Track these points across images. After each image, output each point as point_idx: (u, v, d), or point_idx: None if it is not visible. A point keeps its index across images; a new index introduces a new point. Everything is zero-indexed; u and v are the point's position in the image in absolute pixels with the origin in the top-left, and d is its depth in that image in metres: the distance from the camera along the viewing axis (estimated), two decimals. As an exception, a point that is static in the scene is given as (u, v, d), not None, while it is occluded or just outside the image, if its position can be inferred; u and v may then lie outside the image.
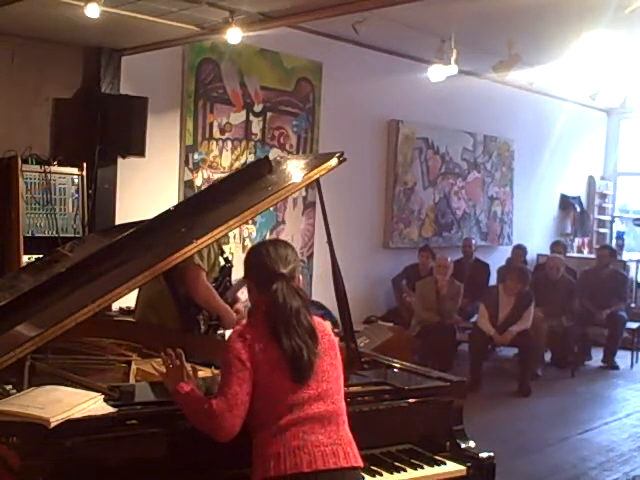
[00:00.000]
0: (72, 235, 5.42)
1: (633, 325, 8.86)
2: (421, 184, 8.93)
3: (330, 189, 3.61)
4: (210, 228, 2.85)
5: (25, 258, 5.13)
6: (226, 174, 6.59)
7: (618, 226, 12.08)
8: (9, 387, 2.58)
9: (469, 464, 2.84)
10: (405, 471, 2.70)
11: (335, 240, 3.19)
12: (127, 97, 5.93)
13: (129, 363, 3.11)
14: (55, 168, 5.43)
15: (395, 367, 3.18)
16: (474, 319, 8.01)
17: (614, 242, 11.29)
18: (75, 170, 5.54)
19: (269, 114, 7.26)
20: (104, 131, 5.72)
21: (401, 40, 7.40)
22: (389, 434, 2.84)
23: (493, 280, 9.07)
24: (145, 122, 5.84)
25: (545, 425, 6.26)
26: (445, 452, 2.89)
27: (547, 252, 9.93)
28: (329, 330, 2.60)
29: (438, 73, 6.84)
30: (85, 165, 5.58)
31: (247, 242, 7.09)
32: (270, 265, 2.53)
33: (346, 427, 2.48)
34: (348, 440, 2.46)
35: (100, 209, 5.83)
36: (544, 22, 6.23)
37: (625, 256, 10.72)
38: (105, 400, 2.43)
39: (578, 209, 11.43)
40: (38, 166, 5.35)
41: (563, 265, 8.51)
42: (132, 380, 2.92)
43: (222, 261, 4.05)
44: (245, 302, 3.26)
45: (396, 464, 2.73)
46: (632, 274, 10.30)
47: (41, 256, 4.05)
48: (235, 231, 6.70)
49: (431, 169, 9.05)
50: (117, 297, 2.64)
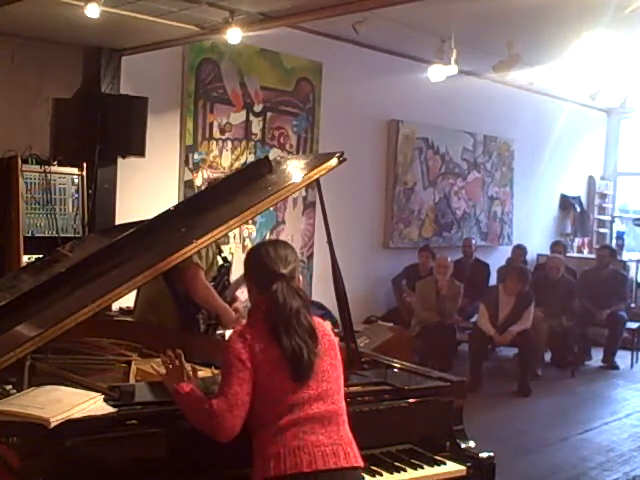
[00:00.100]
0: (72, 235, 5.42)
1: (633, 325, 8.86)
2: (421, 184, 8.93)
3: (330, 189, 3.61)
4: (210, 228, 2.85)
5: (25, 258, 5.13)
6: (226, 174, 6.59)
7: (618, 226, 12.07)
8: (9, 387, 2.58)
9: (469, 464, 2.84)
10: (405, 471, 2.70)
11: (335, 240, 3.19)
12: (127, 97, 5.93)
13: (129, 363, 3.11)
14: (55, 168, 5.43)
15: (395, 367, 3.18)
16: (474, 319, 8.01)
17: (614, 242, 11.29)
18: (75, 170, 5.54)
19: (269, 114, 7.26)
20: (104, 131, 5.72)
21: (401, 40, 7.40)
22: (389, 434, 2.84)
23: (493, 280, 9.07)
24: (145, 122, 5.84)
25: (545, 425, 6.26)
26: (445, 452, 2.89)
27: (547, 252, 9.93)
28: (329, 330, 2.60)
29: (438, 73, 6.84)
30: (85, 165, 5.58)
31: (247, 242, 7.09)
32: (270, 265, 2.53)
33: (346, 427, 2.48)
34: (348, 440, 2.46)
35: (100, 209, 5.83)
36: (544, 22, 6.23)
37: (625, 256, 10.71)
38: (105, 400, 2.43)
39: (578, 209, 11.43)
40: (38, 166, 5.35)
41: (563, 265, 8.51)
42: (132, 380, 2.92)
43: (220, 260, 4.05)
44: (245, 302, 3.26)
45: (396, 464, 2.73)
46: (632, 274, 10.30)
47: (41, 256, 4.05)
48: (235, 231, 6.70)
49: (431, 169, 9.06)
50: (117, 297, 2.64)
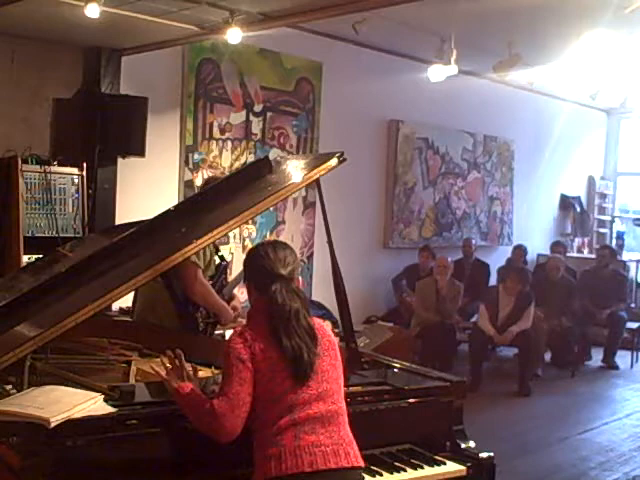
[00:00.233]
0: (72, 235, 5.42)
1: (633, 325, 8.86)
2: (421, 184, 8.93)
3: (330, 189, 3.61)
4: (210, 228, 2.85)
5: (25, 258, 5.13)
6: (225, 174, 6.58)
7: (618, 226, 12.07)
8: (9, 387, 2.58)
9: (469, 464, 2.84)
10: (405, 471, 2.70)
11: (335, 240, 3.19)
12: (127, 97, 5.93)
13: (129, 363, 3.11)
14: (55, 168, 5.42)
15: (395, 367, 3.18)
16: (474, 319, 8.01)
17: (614, 242, 11.29)
18: (75, 170, 5.53)
19: (269, 114, 7.26)
20: (104, 131, 5.72)
21: (401, 40, 7.39)
22: (389, 434, 2.84)
23: (493, 280, 9.07)
24: (145, 122, 5.84)
25: (545, 425, 6.26)
26: (445, 452, 2.89)
27: (547, 252, 9.94)
28: (329, 331, 2.60)
29: (438, 73, 6.83)
30: (85, 165, 5.57)
31: (247, 242, 7.09)
32: (269, 267, 2.54)
33: (347, 427, 2.48)
34: (349, 440, 2.46)
35: (100, 209, 5.83)
36: (544, 22, 6.22)
37: (625, 256, 10.71)
38: (105, 400, 2.43)
39: (578, 209, 11.43)
40: (38, 166, 5.35)
41: (563, 265, 8.51)
42: (132, 380, 2.91)
43: (217, 259, 4.06)
44: (244, 302, 3.26)
45: (396, 464, 2.73)
46: (632, 274, 10.31)
47: (41, 256, 4.05)
48: (235, 231, 6.70)
49: (431, 169, 9.06)
50: (117, 297, 2.64)
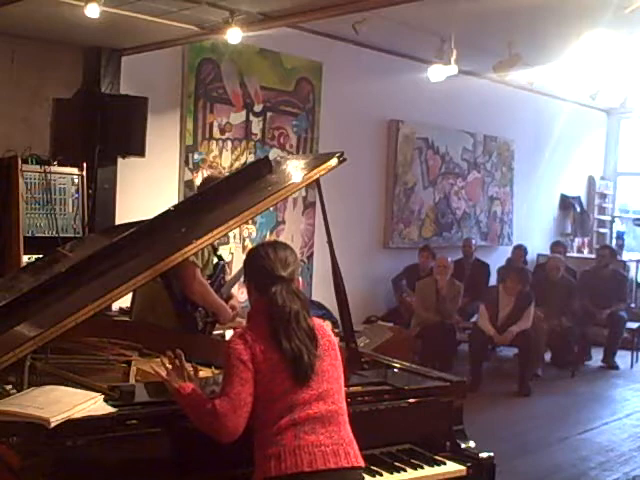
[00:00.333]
0: (72, 235, 5.42)
1: (633, 325, 8.86)
2: (421, 184, 8.93)
3: (330, 189, 3.61)
4: (210, 228, 2.85)
5: (25, 258, 5.13)
6: (224, 173, 6.59)
7: (618, 226, 12.07)
8: (9, 387, 2.58)
9: (469, 464, 2.84)
10: (405, 471, 2.70)
11: (335, 240, 3.19)
12: (127, 97, 5.92)
13: (129, 363, 3.11)
14: (55, 168, 5.42)
15: (395, 367, 3.18)
16: (474, 319, 8.00)
17: (614, 242, 11.29)
18: (75, 170, 5.54)
19: (269, 114, 7.26)
20: (104, 131, 5.72)
21: (401, 40, 7.39)
22: (389, 434, 2.84)
23: (493, 280, 9.07)
24: (145, 122, 5.84)
25: (545, 425, 6.26)
26: (445, 452, 2.89)
27: (547, 252, 9.93)
28: (329, 331, 2.60)
29: (438, 73, 6.83)
30: (85, 165, 5.57)
31: (247, 242, 7.09)
32: (269, 268, 2.53)
33: (347, 427, 2.48)
34: (349, 440, 2.46)
35: (100, 209, 5.83)
36: (544, 22, 6.22)
37: (625, 256, 10.71)
38: (105, 400, 2.43)
39: (578, 209, 11.43)
40: (38, 166, 5.35)
41: (563, 265, 8.51)
42: (132, 380, 2.91)
43: (215, 259, 4.06)
44: (244, 302, 3.26)
45: (396, 464, 2.73)
46: (632, 274, 10.31)
47: (41, 256, 4.05)
48: (235, 231, 6.70)
49: (431, 169, 9.06)
50: (117, 297, 2.65)
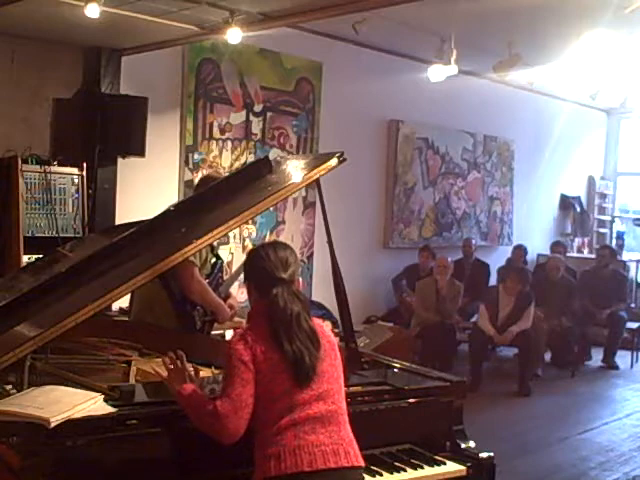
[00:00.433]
0: (72, 235, 5.42)
1: (633, 325, 8.86)
2: (421, 184, 8.93)
3: (330, 189, 3.61)
4: (210, 228, 2.85)
5: (25, 258, 5.13)
6: (222, 173, 6.58)
7: (618, 226, 12.07)
8: (9, 387, 2.58)
9: (469, 464, 2.84)
10: (405, 471, 2.70)
11: (335, 240, 3.19)
12: (127, 97, 5.92)
13: (129, 363, 3.11)
14: (55, 168, 5.42)
15: (395, 367, 3.18)
16: (474, 319, 8.00)
17: (614, 242, 11.29)
18: (75, 170, 5.54)
19: (269, 114, 7.26)
20: (104, 131, 5.72)
21: (401, 40, 7.39)
22: (389, 434, 2.84)
23: (493, 280, 9.07)
24: (145, 122, 5.84)
25: (545, 425, 6.26)
26: (445, 452, 2.89)
27: (547, 252, 9.93)
28: (329, 331, 2.60)
29: (438, 73, 6.83)
30: (85, 165, 5.57)
31: (247, 242, 7.09)
32: (270, 269, 2.53)
33: (347, 427, 2.48)
34: (349, 440, 2.46)
35: (100, 209, 5.83)
36: (544, 22, 6.22)
37: (625, 256, 10.71)
38: (105, 400, 2.43)
39: (578, 209, 11.43)
40: (38, 166, 5.35)
41: (563, 265, 8.51)
42: (132, 380, 2.91)
43: (213, 258, 4.06)
44: (244, 302, 3.26)
45: (396, 464, 2.73)
46: (632, 274, 10.31)
47: (41, 256, 4.05)
48: (235, 231, 6.70)
49: (431, 169, 9.06)
50: (117, 297, 2.65)
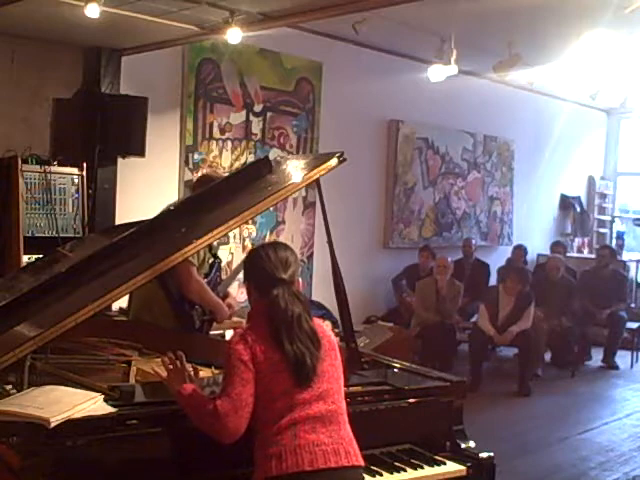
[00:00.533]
0: (72, 235, 5.42)
1: (633, 325, 8.86)
2: (421, 184, 8.93)
3: (330, 189, 3.61)
4: (210, 228, 2.85)
5: (25, 258, 5.13)
6: (219, 172, 6.58)
7: (618, 226, 12.07)
8: (9, 387, 2.58)
9: (469, 464, 2.84)
10: (405, 471, 2.70)
11: (335, 240, 3.19)
12: (127, 97, 5.92)
13: (129, 363, 3.11)
14: (55, 168, 5.42)
15: (395, 367, 3.18)
16: (474, 319, 8.01)
17: (614, 242, 11.29)
18: (75, 170, 5.54)
19: (269, 114, 7.26)
20: (104, 131, 5.72)
21: (401, 40, 7.39)
22: (389, 434, 2.84)
23: (493, 280, 9.07)
24: (145, 122, 5.84)
25: (545, 425, 6.26)
26: (445, 452, 2.89)
27: (547, 252, 9.93)
28: (329, 331, 2.60)
29: (438, 73, 6.83)
30: (85, 165, 5.58)
31: (247, 242, 7.09)
32: (270, 270, 2.53)
33: (347, 426, 2.48)
34: (349, 439, 2.46)
35: (100, 209, 5.83)
36: (544, 22, 6.22)
37: (625, 256, 10.71)
38: (105, 400, 2.43)
39: (578, 209, 11.43)
40: (38, 166, 5.35)
41: (563, 265, 8.51)
42: (132, 380, 2.91)
43: (211, 257, 4.06)
44: (244, 302, 3.25)
45: (396, 464, 2.73)
46: (632, 274, 10.31)
47: (41, 256, 4.05)
48: (235, 231, 6.70)
49: (431, 169, 9.06)
50: (117, 297, 2.64)
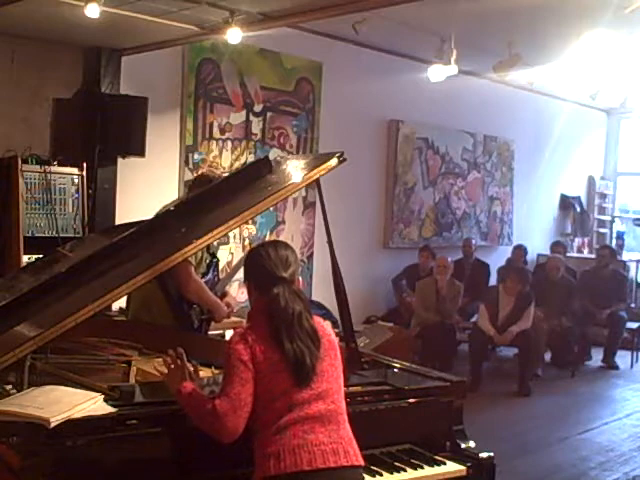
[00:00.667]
0: (72, 235, 5.42)
1: (633, 325, 8.86)
2: (421, 184, 8.93)
3: (330, 189, 3.61)
4: (210, 228, 2.85)
5: (25, 258, 5.13)
6: (215, 171, 6.57)
7: (618, 226, 12.07)
8: (9, 387, 2.58)
9: (469, 464, 2.84)
10: (405, 471, 2.70)
11: (335, 240, 3.19)
12: (127, 97, 5.92)
13: (129, 363, 3.11)
14: (55, 168, 5.42)
15: (395, 367, 3.18)
16: (474, 319, 8.00)
17: (614, 242, 11.29)
18: (75, 170, 5.54)
19: (269, 114, 7.26)
20: (104, 131, 5.72)
21: (401, 40, 7.39)
22: (389, 434, 2.84)
23: (493, 280, 9.07)
24: (145, 122, 5.84)
25: (545, 425, 6.26)
26: (445, 452, 2.89)
27: (547, 252, 9.93)
28: (329, 330, 2.59)
29: (438, 73, 6.83)
30: (85, 165, 5.58)
31: (247, 242, 7.09)
32: (270, 268, 2.53)
33: (346, 426, 2.48)
34: (348, 439, 2.46)
35: (100, 209, 5.83)
36: (544, 22, 6.22)
37: (625, 256, 10.71)
38: (105, 400, 2.43)
39: (578, 209, 11.43)
40: (38, 166, 5.35)
41: (563, 265, 8.51)
42: (132, 380, 2.92)
43: (208, 257, 4.06)
44: (244, 302, 3.26)
45: (396, 464, 2.73)
46: (632, 274, 10.31)
47: (41, 256, 4.05)
48: (235, 231, 6.70)
49: (431, 169, 9.06)
50: (117, 297, 2.65)
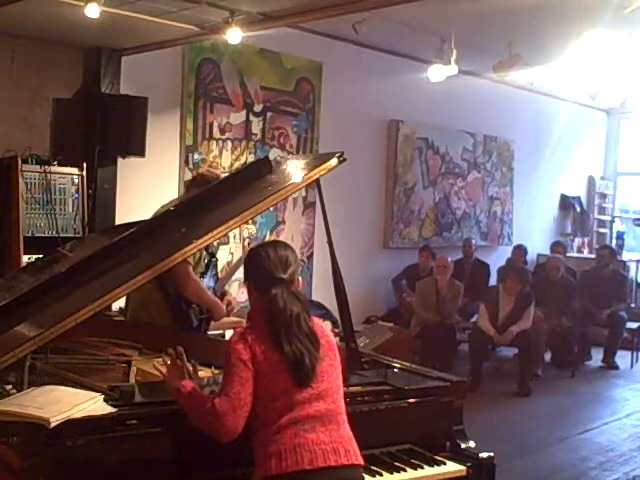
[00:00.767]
0: (72, 235, 5.42)
1: (633, 325, 8.86)
2: (421, 184, 8.93)
3: (330, 189, 3.61)
4: (210, 228, 2.85)
5: (25, 258, 5.13)
6: (212, 170, 6.57)
7: (618, 226, 12.07)
8: (9, 387, 2.58)
9: (469, 464, 2.84)
10: (405, 471, 2.70)
11: (335, 240, 3.19)
12: (127, 97, 5.93)
13: (129, 363, 3.11)
14: (55, 168, 5.42)
15: (395, 367, 3.18)
16: (474, 319, 8.01)
17: (614, 242, 11.29)
18: (75, 170, 5.54)
19: (269, 114, 7.26)
20: (104, 131, 5.72)
21: (401, 40, 7.39)
22: (389, 434, 2.84)
23: (493, 280, 9.07)
24: (145, 122, 5.84)
25: (545, 425, 6.26)
26: (445, 452, 2.89)
27: (547, 252, 9.93)
28: (328, 330, 2.60)
29: (438, 73, 6.83)
30: (85, 165, 5.58)
31: (247, 242, 7.09)
32: (270, 269, 2.53)
33: (346, 425, 2.49)
34: (348, 438, 2.46)
35: (100, 209, 5.83)
36: (544, 22, 6.22)
37: (625, 256, 10.71)
38: (105, 400, 2.43)
39: (578, 209, 11.43)
40: (38, 166, 5.35)
41: (563, 265, 8.51)
42: (132, 380, 2.92)
43: (207, 257, 4.07)
44: (244, 302, 3.26)
45: (396, 464, 2.73)
46: (632, 274, 10.31)
47: (41, 256, 4.05)
48: (235, 231, 6.70)
49: (431, 169, 9.06)
50: (117, 297, 2.65)
